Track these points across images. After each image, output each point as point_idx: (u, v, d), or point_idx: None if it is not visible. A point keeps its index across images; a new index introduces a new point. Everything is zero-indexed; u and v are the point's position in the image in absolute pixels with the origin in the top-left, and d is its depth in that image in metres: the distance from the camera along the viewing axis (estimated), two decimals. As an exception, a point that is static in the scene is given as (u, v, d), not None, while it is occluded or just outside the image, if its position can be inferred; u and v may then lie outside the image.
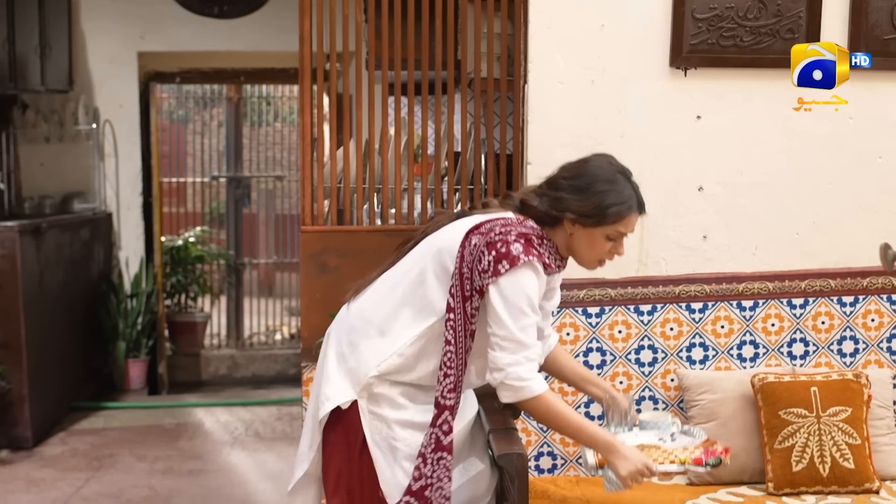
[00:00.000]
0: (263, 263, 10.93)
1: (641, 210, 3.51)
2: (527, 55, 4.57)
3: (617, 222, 3.45)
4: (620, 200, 3.45)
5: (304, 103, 4.67)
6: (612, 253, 3.54)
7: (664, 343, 4.65)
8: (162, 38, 8.75)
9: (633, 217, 3.48)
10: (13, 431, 7.08)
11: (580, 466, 4.66)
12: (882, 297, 4.77)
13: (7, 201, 8.22)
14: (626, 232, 3.49)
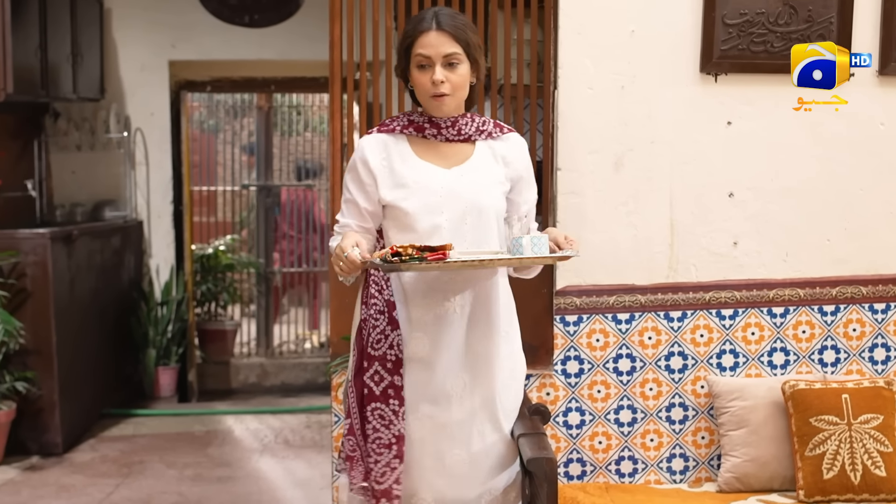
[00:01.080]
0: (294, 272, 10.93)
1: (432, 26, 3.37)
2: (556, 61, 4.57)
3: (412, 47, 3.39)
4: (410, 26, 3.43)
5: (334, 110, 4.68)
6: (431, 83, 3.38)
7: (694, 350, 4.64)
8: (193, 46, 8.77)
9: (426, 35, 3.37)
10: (44, 438, 7.10)
11: (610, 473, 4.65)
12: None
13: (39, 209, 8.26)
14: (428, 53, 3.37)
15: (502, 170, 3.50)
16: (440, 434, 3.48)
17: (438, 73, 3.36)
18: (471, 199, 3.42)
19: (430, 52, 3.36)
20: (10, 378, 6.83)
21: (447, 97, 3.40)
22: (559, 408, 4.62)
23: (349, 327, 4.50)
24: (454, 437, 3.48)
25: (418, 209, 3.41)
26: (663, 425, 4.66)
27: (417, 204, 3.42)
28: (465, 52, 3.39)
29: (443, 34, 3.36)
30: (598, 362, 4.62)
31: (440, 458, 3.48)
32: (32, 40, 7.33)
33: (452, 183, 3.43)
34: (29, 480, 6.61)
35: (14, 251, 6.91)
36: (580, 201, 4.56)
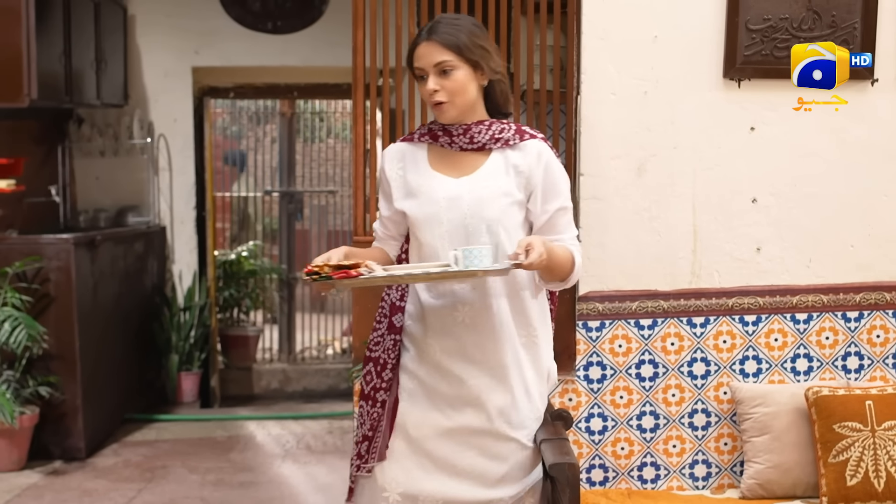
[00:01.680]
0: (316, 278, 10.94)
1: (424, 38, 3.39)
2: (579, 67, 4.57)
3: (411, 62, 3.43)
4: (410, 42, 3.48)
5: (357, 115, 4.69)
6: (427, 93, 3.40)
7: (717, 356, 4.63)
8: (216, 53, 8.80)
9: (420, 48, 3.38)
10: (67, 442, 7.12)
11: (632, 479, 4.64)
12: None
13: (62, 214, 8.29)
14: (420, 65, 3.38)
15: (513, 179, 3.43)
16: (451, 438, 3.48)
17: (431, 83, 3.37)
18: (471, 210, 3.39)
19: (422, 64, 3.38)
20: (33, 383, 6.85)
21: (445, 104, 3.39)
22: (581, 413, 4.62)
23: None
24: (467, 442, 3.47)
25: (421, 219, 3.45)
26: (686, 431, 4.65)
27: (421, 213, 3.45)
28: (460, 56, 3.37)
29: (432, 44, 3.36)
30: (620, 368, 4.61)
31: (451, 461, 3.48)
32: (57, 46, 7.36)
33: (456, 193, 3.42)
34: (52, 485, 6.63)
35: (38, 256, 6.93)
36: (603, 207, 4.56)
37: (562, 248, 3.36)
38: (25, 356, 6.74)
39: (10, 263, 6.82)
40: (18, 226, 7.46)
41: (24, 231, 7.40)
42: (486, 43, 3.44)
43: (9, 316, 6.50)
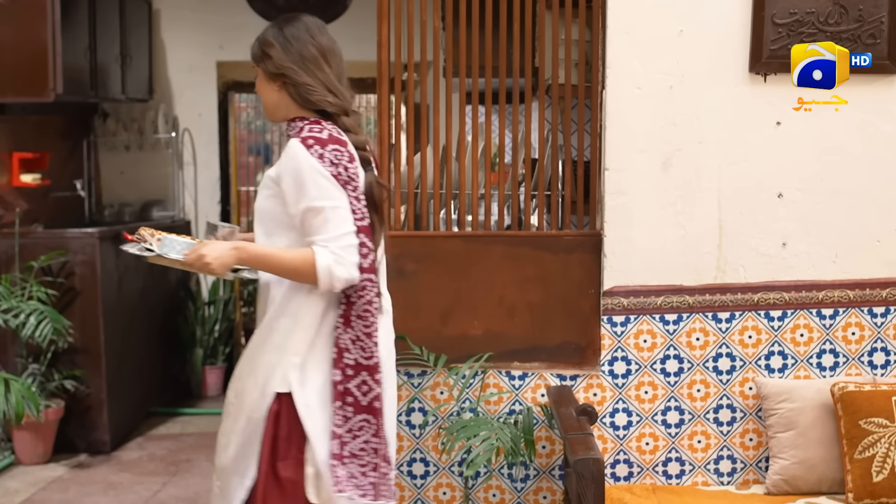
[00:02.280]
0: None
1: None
2: (605, 61, 4.56)
3: None
4: None
5: (381, 110, 4.68)
6: None
7: (742, 351, 4.61)
8: (240, 47, 8.72)
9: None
10: (92, 436, 7.14)
11: (657, 475, 4.63)
12: (965, 306, 4.70)
13: (88, 209, 8.32)
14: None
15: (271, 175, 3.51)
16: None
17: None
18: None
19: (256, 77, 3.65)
20: (58, 376, 6.87)
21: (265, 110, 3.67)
22: (606, 408, 4.61)
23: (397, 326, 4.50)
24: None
25: None
26: (711, 427, 4.64)
27: None
28: (255, 64, 3.58)
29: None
30: (645, 363, 4.60)
31: None
32: (82, 41, 7.38)
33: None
34: (77, 478, 6.65)
35: (63, 250, 6.96)
36: (628, 201, 4.55)
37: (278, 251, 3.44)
38: (51, 350, 6.77)
39: (36, 257, 6.84)
40: (44, 220, 7.49)
41: (49, 225, 7.42)
42: (271, 48, 3.54)
43: (34, 310, 6.52)
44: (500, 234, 4.65)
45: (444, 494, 4.70)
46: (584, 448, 3.71)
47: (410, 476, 4.69)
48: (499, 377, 4.64)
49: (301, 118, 3.55)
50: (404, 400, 4.64)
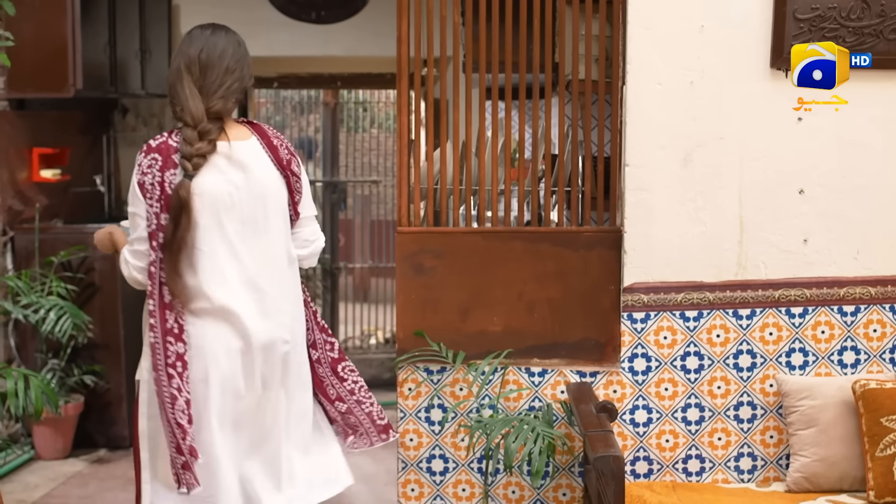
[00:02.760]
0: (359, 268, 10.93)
1: None
2: (625, 57, 4.54)
3: None
4: None
5: (401, 105, 4.67)
6: None
7: (763, 348, 4.59)
8: (260, 43, 8.74)
9: None
10: (111, 431, 7.14)
11: (677, 472, 4.61)
12: None
13: (107, 204, 8.31)
14: None
15: None
16: None
17: None
18: None
19: None
20: (78, 372, 6.88)
21: None
22: (626, 405, 4.60)
23: (415, 322, 4.55)
24: None
25: None
26: (731, 424, 4.62)
27: None
28: None
29: None
30: (665, 360, 4.58)
31: None
32: (101, 37, 7.38)
33: None
34: (96, 473, 6.65)
35: (83, 246, 6.95)
36: (648, 197, 4.53)
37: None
38: (70, 345, 6.77)
39: (56, 253, 6.85)
40: (64, 215, 7.49)
41: (69, 220, 7.43)
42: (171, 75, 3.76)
43: (54, 305, 6.52)
44: (520, 230, 4.63)
45: (464, 491, 4.69)
46: (605, 445, 3.70)
47: (430, 472, 4.68)
48: (518, 374, 4.63)
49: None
50: (423, 396, 4.64)
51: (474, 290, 4.62)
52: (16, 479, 6.48)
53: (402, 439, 4.67)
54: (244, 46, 3.93)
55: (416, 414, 4.66)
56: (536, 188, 4.68)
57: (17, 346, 7.00)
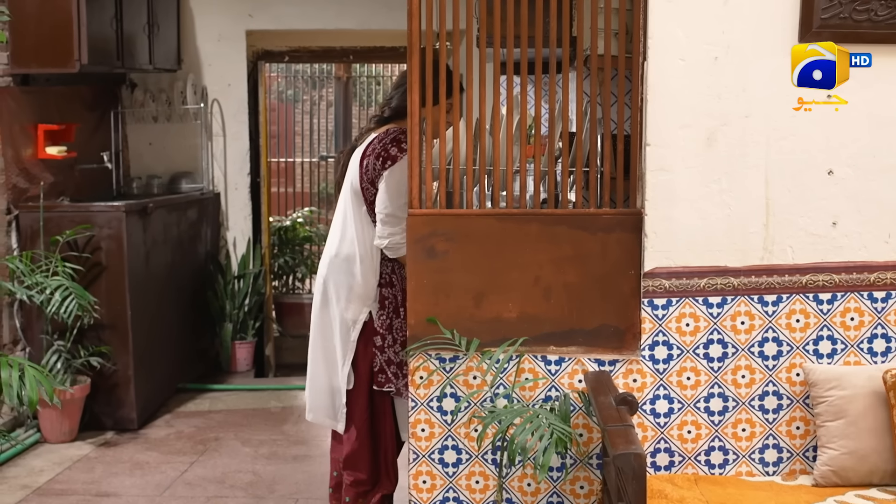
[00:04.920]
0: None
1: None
2: (646, 31, 4.37)
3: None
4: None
5: (412, 83, 4.50)
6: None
7: (790, 335, 4.43)
8: (270, 16, 8.66)
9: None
10: (118, 413, 7.07)
11: (699, 464, 4.46)
12: None
13: (115, 181, 8.22)
14: None
15: None
16: None
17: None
18: None
19: None
20: (84, 353, 6.81)
21: None
22: (646, 395, 4.44)
23: (427, 308, 4.40)
24: None
25: None
26: (756, 414, 4.46)
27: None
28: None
29: None
30: (687, 348, 4.42)
31: None
32: (108, 11, 7.26)
33: None
34: (103, 457, 6.57)
35: (89, 224, 6.87)
36: (670, 178, 4.36)
37: None
38: (76, 326, 6.67)
39: (62, 231, 6.76)
40: (70, 193, 7.41)
41: (76, 198, 7.35)
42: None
43: (59, 285, 6.42)
44: (536, 213, 4.47)
45: (477, 483, 4.55)
46: (625, 441, 3.53)
47: (442, 464, 4.54)
48: (534, 362, 4.47)
49: None
50: (435, 385, 4.49)
51: (489, 274, 4.47)
52: (21, 463, 6.42)
53: (413, 429, 4.53)
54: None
55: (427, 403, 4.51)
56: (553, 168, 4.52)
57: (22, 328, 6.92)
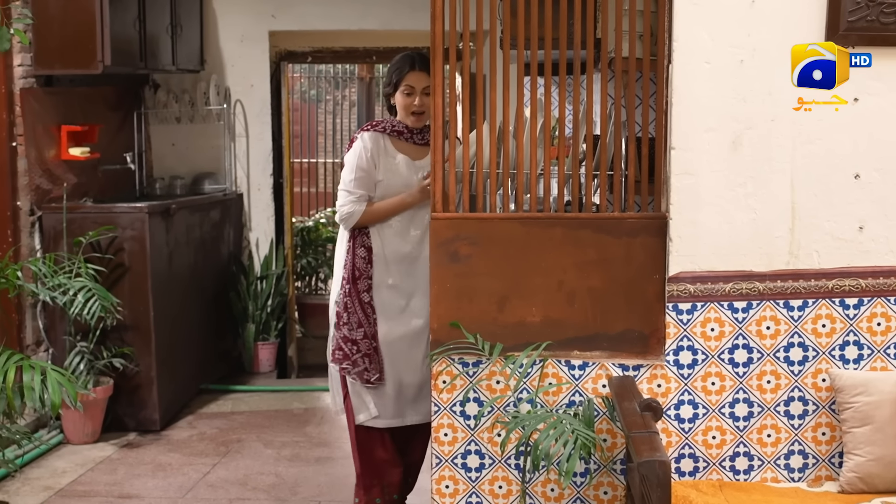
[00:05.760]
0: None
1: (414, 66, 4.96)
2: (671, 33, 4.34)
3: (400, 81, 4.99)
4: (395, 67, 5.03)
5: (435, 87, 4.48)
6: (413, 105, 4.99)
7: (816, 341, 4.39)
8: (293, 16, 8.65)
9: (413, 74, 4.96)
10: (141, 414, 7.07)
11: (724, 470, 4.42)
12: None
13: (138, 182, 8.22)
14: (413, 85, 4.97)
15: None
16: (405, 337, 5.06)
17: (418, 99, 4.97)
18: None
19: (415, 84, 4.96)
20: (107, 354, 6.81)
21: (423, 115, 5.01)
22: (670, 400, 4.41)
23: (450, 312, 4.38)
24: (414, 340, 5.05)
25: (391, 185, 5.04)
26: (781, 420, 4.42)
27: (393, 181, 5.04)
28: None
29: (423, 73, 4.92)
30: (712, 353, 4.39)
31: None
32: (131, 12, 7.26)
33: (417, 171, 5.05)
34: (126, 458, 6.57)
35: (112, 226, 6.87)
36: (695, 182, 4.33)
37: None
38: (99, 327, 6.68)
39: (85, 233, 6.76)
40: (94, 194, 7.42)
41: (99, 199, 7.36)
42: None
43: (82, 287, 6.41)
44: (560, 216, 4.45)
45: (500, 488, 4.52)
46: (650, 449, 3.51)
47: (465, 469, 4.52)
48: (558, 366, 4.45)
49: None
50: (458, 390, 4.46)
51: (512, 278, 4.44)
52: (44, 465, 6.43)
53: (436, 434, 4.51)
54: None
55: (450, 408, 4.49)
56: (577, 171, 4.49)
57: (45, 329, 6.94)
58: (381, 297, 5.05)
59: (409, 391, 5.08)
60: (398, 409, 5.10)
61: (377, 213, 5.00)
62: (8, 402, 4.76)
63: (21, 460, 6.15)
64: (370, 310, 5.04)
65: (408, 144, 5.06)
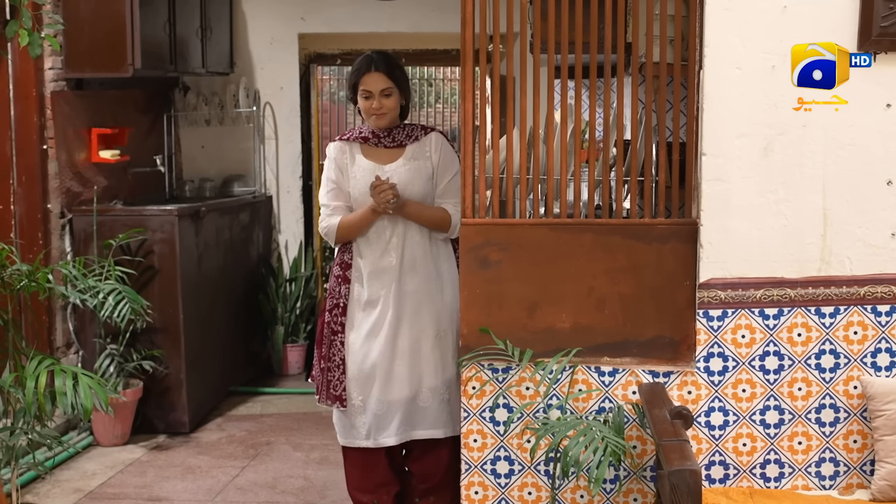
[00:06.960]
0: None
1: (370, 68, 4.89)
2: (702, 38, 4.32)
3: (357, 84, 4.94)
4: (353, 70, 4.98)
5: (465, 89, 4.47)
6: (371, 108, 4.92)
7: (847, 348, 4.36)
8: (322, 19, 8.65)
9: (368, 76, 4.90)
10: (171, 416, 7.08)
11: (755, 477, 4.40)
12: None
13: (168, 184, 8.24)
14: (370, 89, 4.90)
15: (425, 162, 5.00)
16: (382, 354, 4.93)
17: (376, 102, 4.91)
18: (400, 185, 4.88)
19: (371, 88, 4.90)
20: (137, 357, 6.82)
21: (383, 116, 4.94)
22: (701, 407, 4.39)
23: (480, 318, 4.38)
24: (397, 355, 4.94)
25: (358, 194, 4.97)
26: (812, 427, 4.40)
27: (358, 191, 4.97)
28: (395, 85, 4.92)
29: (381, 74, 4.89)
30: (743, 360, 4.37)
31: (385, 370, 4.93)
32: (161, 15, 7.27)
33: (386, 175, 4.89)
34: (155, 460, 6.58)
35: (142, 228, 6.89)
36: (726, 188, 4.31)
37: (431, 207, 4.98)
38: (129, 330, 6.69)
39: (115, 235, 6.78)
40: (123, 196, 7.43)
41: (129, 202, 7.37)
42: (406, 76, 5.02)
43: (112, 289, 6.43)
44: (590, 222, 4.43)
45: (530, 495, 4.52)
46: (681, 457, 3.49)
47: (494, 475, 4.51)
48: (588, 373, 4.44)
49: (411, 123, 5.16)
50: (488, 396, 4.46)
51: (542, 284, 4.44)
52: (74, 467, 6.44)
53: (465, 440, 4.51)
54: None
55: (480, 414, 4.49)
56: (607, 177, 4.48)
57: (75, 331, 6.96)
58: (355, 315, 5.01)
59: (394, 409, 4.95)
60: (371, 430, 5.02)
61: (344, 228, 4.96)
62: (39, 406, 4.78)
63: (51, 462, 6.16)
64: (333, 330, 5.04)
65: (377, 149, 5.00)
